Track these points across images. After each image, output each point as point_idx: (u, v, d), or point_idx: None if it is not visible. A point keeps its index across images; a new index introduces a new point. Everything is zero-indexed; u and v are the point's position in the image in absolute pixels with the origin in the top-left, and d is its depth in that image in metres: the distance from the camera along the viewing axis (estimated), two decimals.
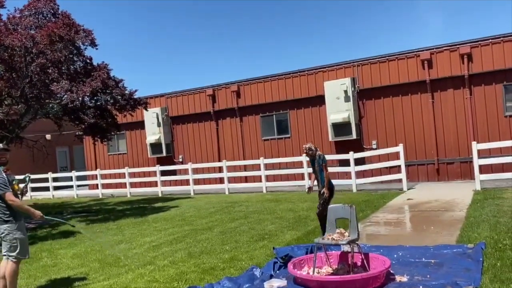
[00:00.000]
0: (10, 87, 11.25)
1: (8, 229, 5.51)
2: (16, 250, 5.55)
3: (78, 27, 11.75)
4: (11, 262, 5.52)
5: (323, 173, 7.30)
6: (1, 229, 5.51)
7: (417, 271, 5.27)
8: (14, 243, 5.53)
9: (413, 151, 15.02)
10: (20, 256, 5.62)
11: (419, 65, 14.83)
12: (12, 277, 5.53)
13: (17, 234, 5.56)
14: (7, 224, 5.50)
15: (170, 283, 5.58)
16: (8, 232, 5.50)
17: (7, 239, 5.52)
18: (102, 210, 14.46)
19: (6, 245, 5.55)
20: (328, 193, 7.28)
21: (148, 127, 20.17)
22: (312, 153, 7.36)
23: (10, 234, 5.52)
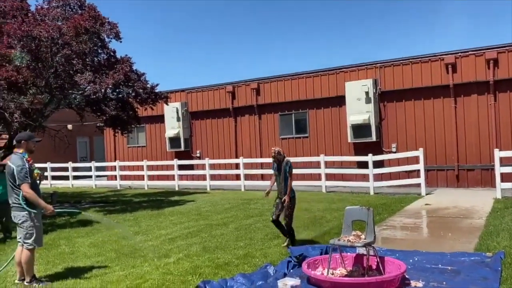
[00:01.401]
0: (35, 77, 11.46)
1: (26, 216, 5.63)
2: (32, 238, 5.67)
3: (103, 19, 11.90)
4: (26, 250, 5.65)
5: (288, 180, 7.06)
6: (19, 215, 5.64)
7: (433, 277, 5.21)
8: (30, 231, 5.66)
9: (433, 156, 14.81)
10: (35, 244, 5.75)
11: (443, 69, 14.59)
12: (28, 264, 5.67)
13: (34, 222, 5.69)
14: (25, 211, 5.64)
15: (185, 276, 5.64)
16: (25, 219, 5.63)
17: (24, 226, 5.65)
18: (119, 201, 14.67)
19: (22, 232, 5.68)
20: (289, 201, 7.01)
21: (167, 121, 20.35)
22: (280, 158, 7.12)
23: (27, 222, 5.64)
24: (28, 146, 5.75)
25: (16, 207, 5.65)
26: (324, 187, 14.62)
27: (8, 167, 5.70)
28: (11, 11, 11.67)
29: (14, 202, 5.66)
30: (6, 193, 8.77)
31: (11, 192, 5.69)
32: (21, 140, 5.76)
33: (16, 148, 5.81)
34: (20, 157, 5.65)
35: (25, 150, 5.72)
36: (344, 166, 15.82)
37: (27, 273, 5.68)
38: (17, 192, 5.62)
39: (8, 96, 10.56)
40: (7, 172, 5.70)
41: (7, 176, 5.68)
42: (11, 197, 5.69)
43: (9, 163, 5.71)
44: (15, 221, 5.72)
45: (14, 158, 5.71)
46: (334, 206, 11.04)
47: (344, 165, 15.89)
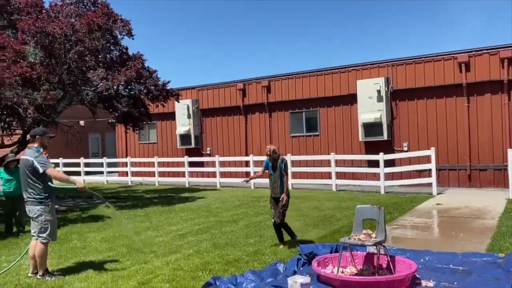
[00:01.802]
0: (48, 73, 11.57)
1: (41, 210, 5.72)
2: (47, 232, 5.76)
3: (116, 16, 11.98)
4: (40, 244, 5.73)
5: (284, 178, 6.96)
6: (34, 210, 5.72)
7: (444, 277, 5.17)
8: (45, 225, 5.75)
9: (445, 155, 14.68)
10: (50, 238, 5.84)
11: (456, 67, 14.43)
12: (42, 258, 5.75)
13: (48, 216, 5.78)
14: (41, 205, 5.72)
15: (195, 272, 5.67)
16: (40, 213, 5.72)
17: (39, 220, 5.73)
18: (130, 197, 14.79)
19: (36, 226, 5.77)
20: (287, 199, 6.94)
21: (178, 118, 20.43)
22: (275, 156, 7.00)
23: (43, 216, 5.73)
24: (42, 141, 5.86)
25: (31, 201, 5.73)
26: (334, 186, 14.57)
27: (24, 161, 5.78)
28: (26, 8, 11.80)
29: (29, 196, 5.74)
30: (19, 187, 8.90)
31: (26, 186, 5.77)
32: (35, 135, 5.88)
33: (30, 143, 5.90)
34: (35, 151, 5.76)
35: (39, 145, 5.82)
36: (355, 165, 15.75)
37: (40, 267, 5.76)
38: (33, 186, 5.70)
39: (22, 92, 10.68)
40: (23, 165, 5.78)
41: (23, 170, 5.76)
42: (26, 191, 5.77)
43: (25, 157, 5.79)
44: (30, 215, 5.81)
45: (29, 151, 5.81)
46: (344, 205, 11.01)
47: (355, 163, 15.82)
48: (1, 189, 8.89)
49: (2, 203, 9.10)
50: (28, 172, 5.68)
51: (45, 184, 5.76)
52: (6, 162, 9.06)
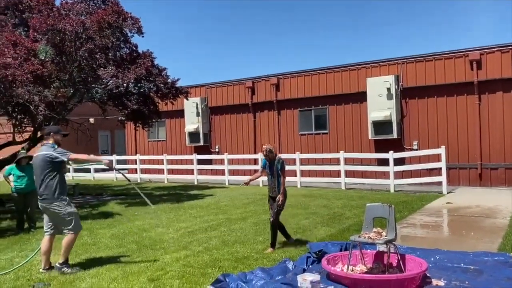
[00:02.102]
0: (59, 71, 11.65)
1: (60, 206, 5.82)
2: (72, 223, 5.89)
3: (126, 14, 12.02)
4: (69, 234, 5.86)
5: (281, 178, 6.85)
6: (52, 206, 5.78)
7: (455, 277, 5.13)
8: (68, 218, 5.85)
9: (455, 154, 14.56)
10: (76, 229, 5.96)
11: (467, 65, 14.29)
12: (68, 247, 5.89)
13: (69, 208, 5.89)
14: (57, 201, 5.79)
15: (204, 269, 5.69)
16: (60, 209, 5.81)
17: (60, 215, 5.83)
18: (139, 194, 14.82)
19: (59, 221, 5.84)
20: (283, 200, 6.82)
21: (187, 116, 20.49)
22: (271, 156, 6.88)
23: (63, 211, 5.82)
24: (56, 138, 5.97)
25: (48, 198, 5.78)
26: (343, 184, 14.52)
27: (40, 156, 5.83)
28: (37, 6, 11.88)
29: (46, 193, 5.79)
30: (31, 184, 9.03)
31: (41, 183, 5.80)
32: (50, 133, 5.99)
33: (45, 140, 5.99)
34: (50, 146, 5.86)
35: (54, 142, 5.91)
36: (364, 163, 15.69)
37: (62, 255, 5.87)
38: (49, 182, 5.76)
39: (34, 89, 10.77)
40: (39, 161, 5.82)
41: (40, 166, 5.81)
42: (42, 188, 5.80)
43: (41, 153, 5.86)
44: (47, 212, 5.86)
45: (44, 148, 5.90)
46: (354, 203, 10.97)
47: (364, 162, 15.75)
48: (13, 186, 8.99)
49: (14, 199, 9.20)
50: (46, 167, 5.75)
51: (61, 179, 5.86)
52: (18, 159, 9.16)
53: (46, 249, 5.93)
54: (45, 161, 5.76)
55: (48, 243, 5.95)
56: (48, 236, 5.97)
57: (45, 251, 5.92)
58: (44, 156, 5.78)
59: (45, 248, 5.92)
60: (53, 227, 5.97)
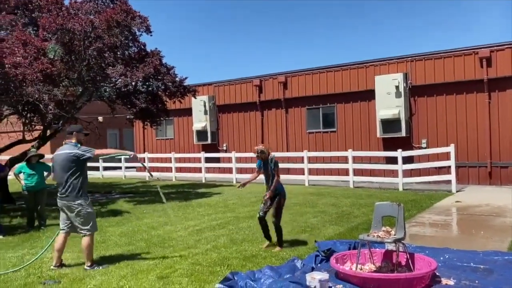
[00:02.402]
0: (68, 69, 11.74)
1: (81, 204, 5.86)
2: (89, 224, 5.93)
3: (134, 13, 12.07)
4: (86, 237, 5.89)
5: (274, 177, 6.77)
6: (74, 204, 5.83)
7: (464, 276, 5.10)
8: (87, 217, 5.90)
9: (464, 152, 14.45)
10: (93, 229, 6.02)
11: (477, 63, 14.17)
12: (89, 249, 5.93)
13: (89, 208, 5.95)
14: (79, 200, 5.84)
15: (213, 267, 5.71)
16: (81, 207, 5.86)
17: (81, 214, 5.87)
18: (148, 192, 14.94)
19: (79, 220, 5.88)
20: (270, 196, 6.74)
21: (195, 114, 20.54)
22: (264, 156, 6.81)
23: (83, 210, 5.88)
24: (78, 137, 6.04)
25: (70, 196, 5.82)
26: (352, 183, 14.48)
27: (63, 155, 5.88)
28: (47, 5, 11.98)
29: (68, 191, 5.83)
30: (42, 182, 9.12)
31: (63, 181, 5.83)
32: (73, 132, 6.06)
33: (67, 139, 6.04)
34: (73, 145, 5.93)
35: (76, 141, 5.99)
36: (373, 162, 15.63)
37: (87, 258, 5.92)
38: (72, 180, 5.81)
39: (43, 88, 10.86)
40: (63, 159, 5.85)
41: (63, 164, 5.83)
42: (64, 187, 5.83)
43: (64, 151, 5.91)
44: (67, 210, 5.89)
45: (67, 146, 5.95)
46: (362, 202, 10.93)
47: (373, 160, 15.70)
48: (23, 184, 9.07)
49: (24, 197, 9.29)
50: (70, 165, 5.79)
51: (84, 178, 5.93)
52: (28, 157, 9.24)
53: (60, 247, 5.99)
54: (70, 160, 5.80)
55: (63, 240, 6.02)
56: (63, 233, 6.03)
57: (59, 249, 5.98)
58: (69, 154, 5.83)
59: (59, 245, 5.99)
60: (70, 225, 6.01)
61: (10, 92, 10.87)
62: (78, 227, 5.93)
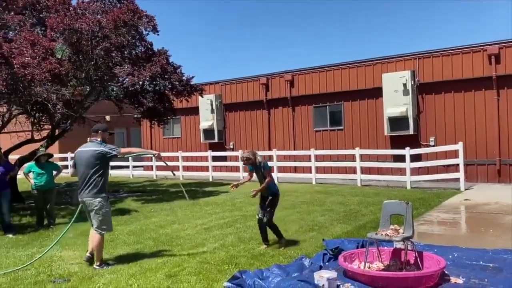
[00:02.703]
0: (76, 69, 11.81)
1: (102, 202, 5.92)
2: (107, 223, 6.01)
3: (141, 12, 12.10)
4: (99, 235, 5.94)
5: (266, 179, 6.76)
6: (95, 202, 5.87)
7: (473, 274, 5.07)
8: (105, 216, 5.97)
9: (473, 150, 14.34)
10: (109, 229, 6.12)
11: (486, 60, 14.05)
12: (100, 248, 5.99)
13: (107, 208, 6.04)
14: (100, 197, 5.89)
15: (221, 266, 5.73)
16: (102, 205, 5.91)
17: (101, 212, 5.92)
18: (156, 191, 15.01)
19: (97, 218, 5.93)
20: (255, 194, 6.76)
21: (202, 113, 20.57)
22: (251, 161, 6.77)
23: (103, 207, 5.94)
24: (103, 136, 6.11)
25: (92, 193, 5.87)
26: (359, 181, 14.43)
27: (88, 152, 5.93)
28: (54, 6, 12.05)
29: (90, 188, 5.87)
30: (51, 181, 9.20)
31: (86, 178, 5.87)
32: (98, 130, 6.15)
33: (92, 137, 6.13)
34: (98, 143, 6.00)
35: (101, 139, 6.06)
36: (380, 160, 15.57)
37: (97, 258, 5.96)
38: (95, 178, 5.86)
39: (51, 88, 10.93)
40: (88, 156, 5.90)
41: (88, 161, 5.88)
42: (86, 184, 5.88)
43: (88, 148, 5.97)
44: (89, 208, 5.95)
45: (92, 144, 6.02)
46: (370, 200, 10.90)
47: (380, 158, 15.63)
48: (32, 183, 9.15)
49: (34, 196, 9.37)
50: (95, 163, 5.85)
51: (106, 176, 6.00)
52: (37, 157, 9.32)
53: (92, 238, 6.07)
54: (95, 157, 5.87)
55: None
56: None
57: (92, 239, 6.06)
58: (95, 151, 5.89)
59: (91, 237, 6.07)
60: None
61: (19, 92, 10.96)
62: (95, 225, 5.99)
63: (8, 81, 10.33)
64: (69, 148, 22.81)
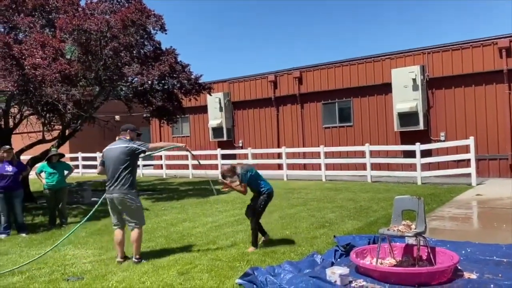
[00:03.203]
0: (85, 69, 11.88)
1: (134, 197, 6.01)
2: (139, 217, 6.11)
3: (149, 12, 12.13)
4: (137, 230, 6.03)
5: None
6: (126, 198, 5.95)
7: (487, 269, 5.03)
8: (137, 211, 6.06)
9: (484, 144, 14.20)
10: (142, 223, 6.18)
11: (496, 53, 13.89)
12: (139, 242, 6.07)
13: (138, 202, 6.12)
14: (131, 193, 5.99)
15: (232, 262, 5.74)
16: (132, 201, 6.00)
17: (133, 207, 6.01)
18: (166, 190, 15.07)
19: (130, 214, 6.01)
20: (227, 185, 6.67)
21: (210, 111, 20.62)
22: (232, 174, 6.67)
23: (134, 203, 6.03)
24: (131, 135, 6.24)
25: (124, 190, 5.93)
26: (369, 177, 14.36)
27: (118, 149, 6.02)
28: (63, 6, 12.12)
29: (121, 185, 5.93)
30: (62, 180, 9.28)
31: (117, 175, 5.94)
32: (127, 129, 6.29)
33: (121, 135, 6.25)
34: (127, 141, 6.12)
35: (130, 138, 6.18)
36: (390, 156, 15.48)
37: (136, 251, 6.06)
38: (126, 174, 5.94)
39: (62, 89, 11.02)
40: (118, 153, 5.98)
41: (118, 158, 5.96)
42: (117, 180, 5.94)
43: (118, 145, 6.06)
44: (120, 204, 5.98)
45: (121, 141, 6.14)
46: (381, 196, 10.85)
47: (390, 154, 15.55)
48: (44, 182, 9.24)
49: (46, 196, 9.46)
50: (125, 159, 5.95)
51: (135, 171, 6.11)
52: (49, 156, 9.41)
53: (119, 240, 6.11)
54: (125, 153, 5.97)
55: (121, 234, 6.12)
56: (118, 228, 6.14)
57: (119, 243, 6.11)
58: (125, 148, 6.00)
59: (118, 239, 6.12)
60: (121, 221, 6.14)
61: (29, 93, 11.06)
62: (128, 220, 6.06)
63: (19, 82, 10.43)
64: (79, 148, 23.03)
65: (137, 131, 6.41)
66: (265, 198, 6.66)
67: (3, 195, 8.44)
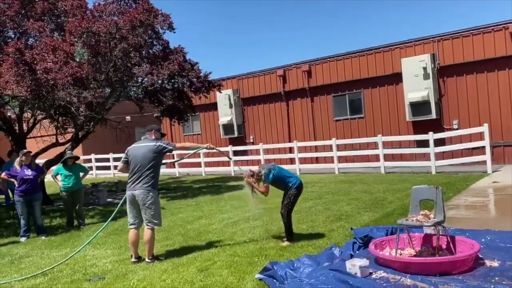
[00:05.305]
0: (95, 72, 11.96)
1: (155, 197, 6.06)
2: (158, 217, 6.15)
3: (156, 11, 12.17)
4: (150, 230, 6.05)
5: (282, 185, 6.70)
6: (149, 196, 6.00)
7: (508, 257, 4.98)
8: (156, 210, 6.10)
9: (498, 131, 14.04)
10: (159, 224, 6.25)
11: (508, 38, 13.70)
12: (152, 243, 6.11)
13: (159, 203, 6.19)
14: (153, 192, 6.04)
15: (251, 258, 5.76)
16: (153, 201, 6.04)
17: (153, 207, 6.05)
18: (180, 188, 15.16)
19: (149, 213, 6.04)
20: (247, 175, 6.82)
21: (220, 108, 20.65)
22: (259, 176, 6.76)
23: (155, 203, 6.08)
24: (156, 135, 6.34)
25: (147, 189, 5.99)
26: (383, 168, 14.28)
27: (147, 147, 6.09)
28: (72, 10, 12.20)
29: (145, 184, 5.99)
30: (78, 182, 9.38)
31: (143, 174, 5.99)
32: (152, 129, 6.40)
33: (147, 135, 6.34)
34: (153, 140, 6.22)
35: (155, 138, 6.28)
36: (403, 146, 15.37)
37: (149, 252, 6.09)
38: (150, 173, 6.00)
39: (74, 92, 11.12)
40: (145, 151, 6.04)
41: (145, 156, 6.01)
42: (143, 178, 5.99)
43: (145, 144, 6.15)
44: (141, 202, 6.02)
45: (148, 141, 6.23)
46: (396, 187, 10.78)
47: (403, 145, 15.44)
48: (61, 185, 9.35)
49: (63, 198, 9.57)
50: (152, 157, 6.02)
51: (158, 170, 6.18)
52: (64, 159, 9.51)
53: (134, 240, 6.14)
54: (152, 151, 6.04)
55: (135, 234, 6.15)
56: (134, 228, 6.17)
57: (133, 243, 6.15)
58: (153, 146, 6.08)
59: (133, 239, 6.15)
60: (138, 220, 6.16)
61: (42, 97, 11.17)
62: (147, 219, 6.06)
63: (32, 87, 10.54)
64: (92, 149, 23.22)
65: (161, 132, 6.51)
66: (294, 193, 6.68)
67: (23, 198, 8.56)
